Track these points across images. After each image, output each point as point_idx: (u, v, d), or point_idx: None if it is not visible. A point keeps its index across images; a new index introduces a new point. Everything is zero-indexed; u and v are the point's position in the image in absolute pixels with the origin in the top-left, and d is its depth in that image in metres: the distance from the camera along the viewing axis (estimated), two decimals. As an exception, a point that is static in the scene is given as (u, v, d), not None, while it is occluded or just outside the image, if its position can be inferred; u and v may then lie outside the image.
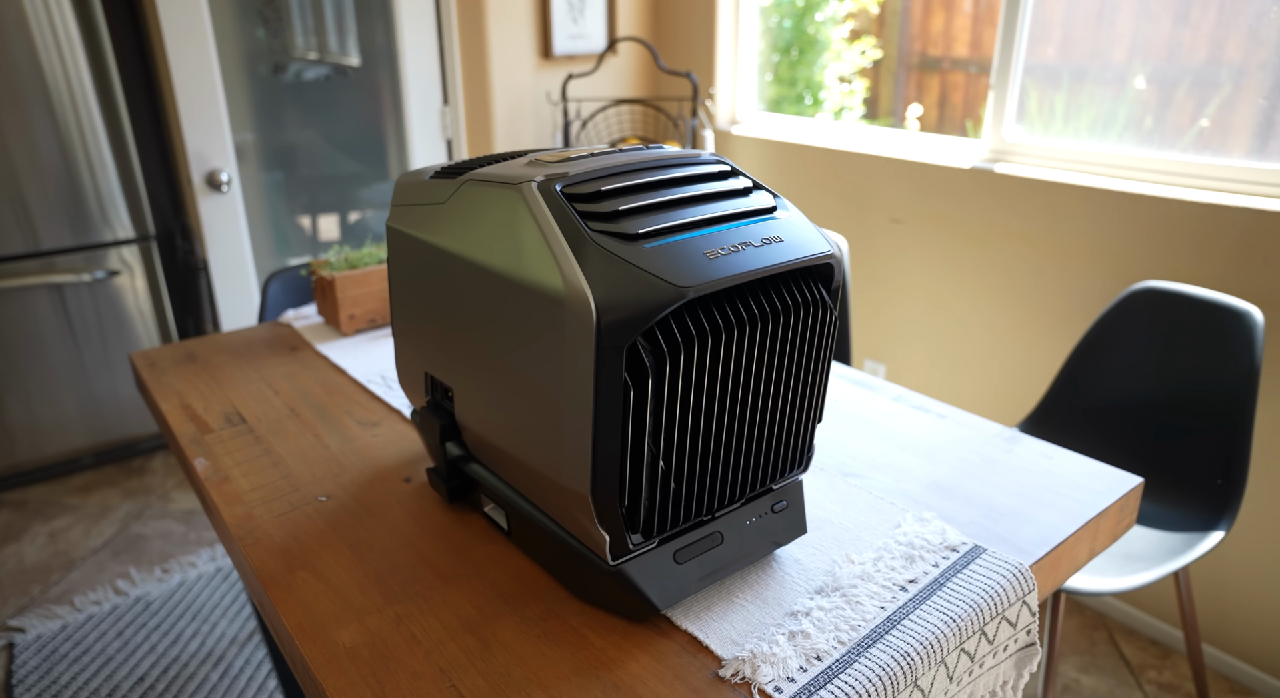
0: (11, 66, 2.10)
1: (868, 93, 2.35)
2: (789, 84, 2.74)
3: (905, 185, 2.06)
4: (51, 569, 2.10)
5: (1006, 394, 2.01)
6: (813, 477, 0.96)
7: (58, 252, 2.31)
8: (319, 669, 0.68)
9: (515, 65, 2.39)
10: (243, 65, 2.35)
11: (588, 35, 2.47)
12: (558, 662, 0.68)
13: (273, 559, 0.82)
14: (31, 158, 2.19)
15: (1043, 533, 0.85)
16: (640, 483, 0.64)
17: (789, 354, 0.69)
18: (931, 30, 2.18)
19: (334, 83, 2.47)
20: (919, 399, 1.16)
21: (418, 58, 2.46)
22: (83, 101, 2.21)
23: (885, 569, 0.78)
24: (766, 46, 2.57)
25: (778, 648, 0.68)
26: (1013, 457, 1.00)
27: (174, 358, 1.33)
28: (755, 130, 2.45)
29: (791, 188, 2.34)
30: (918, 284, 2.11)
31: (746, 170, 2.48)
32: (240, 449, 1.04)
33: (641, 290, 0.58)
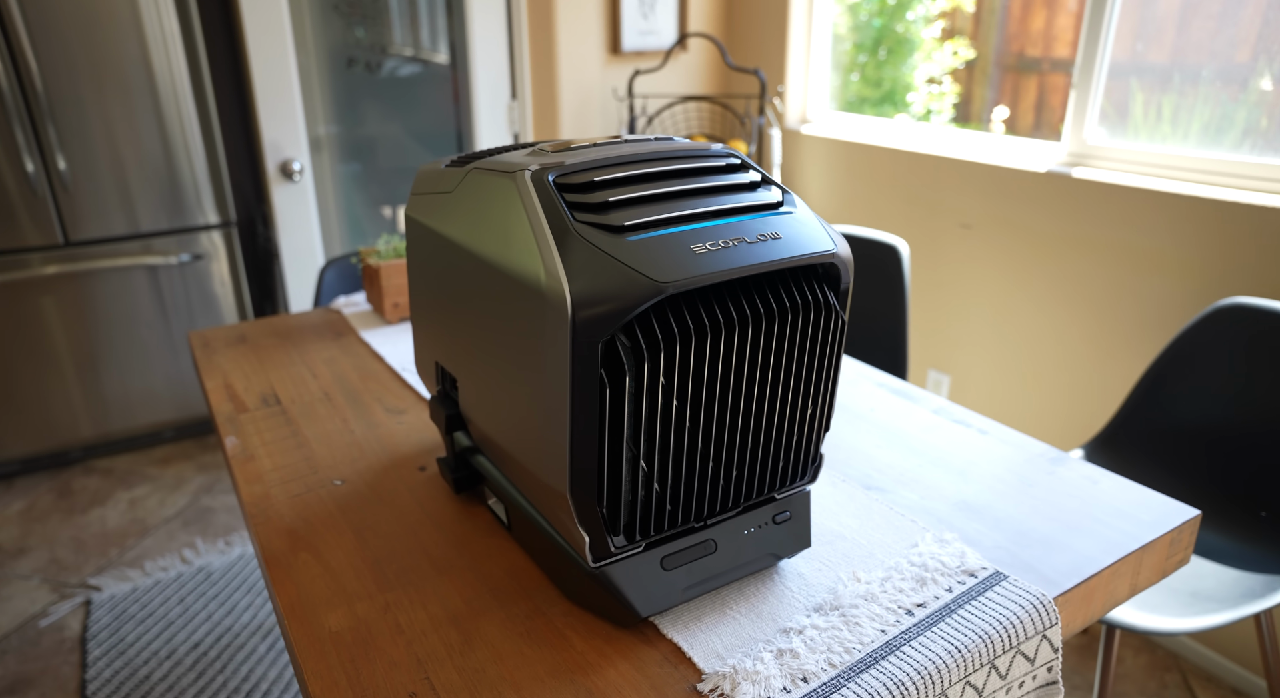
0: (123, 59, 2.23)
1: (958, 95, 2.25)
2: (875, 85, 2.65)
3: (976, 189, 1.96)
4: (128, 534, 2.23)
5: (1075, 413, 1.89)
6: (831, 488, 0.91)
7: (154, 234, 2.45)
8: (301, 650, 0.68)
9: (583, 60, 2.40)
10: (325, 60, 2.44)
11: (657, 31, 2.45)
12: (535, 662, 0.67)
13: (279, 538, 0.83)
14: (135, 145, 2.33)
15: (1075, 563, 0.79)
16: (620, 484, 0.62)
17: (788, 358, 0.66)
18: (1031, 29, 2.06)
19: (406, 77, 2.53)
20: (961, 413, 1.09)
21: (487, 52, 2.49)
22: (182, 93, 2.33)
23: (892, 590, 0.74)
24: (853, 45, 2.50)
25: (762, 666, 0.65)
26: (1054, 479, 0.93)
27: (227, 339, 1.38)
28: (825, 130, 2.38)
29: (858, 190, 2.27)
30: (986, 293, 2.01)
31: (812, 171, 2.42)
32: (270, 429, 1.06)
33: (620, 284, 0.56)
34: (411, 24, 2.49)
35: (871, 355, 1.75)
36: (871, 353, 1.75)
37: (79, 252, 2.37)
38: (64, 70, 2.19)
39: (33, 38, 2.14)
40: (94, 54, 2.21)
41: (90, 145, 2.28)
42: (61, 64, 2.19)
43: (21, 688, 1.74)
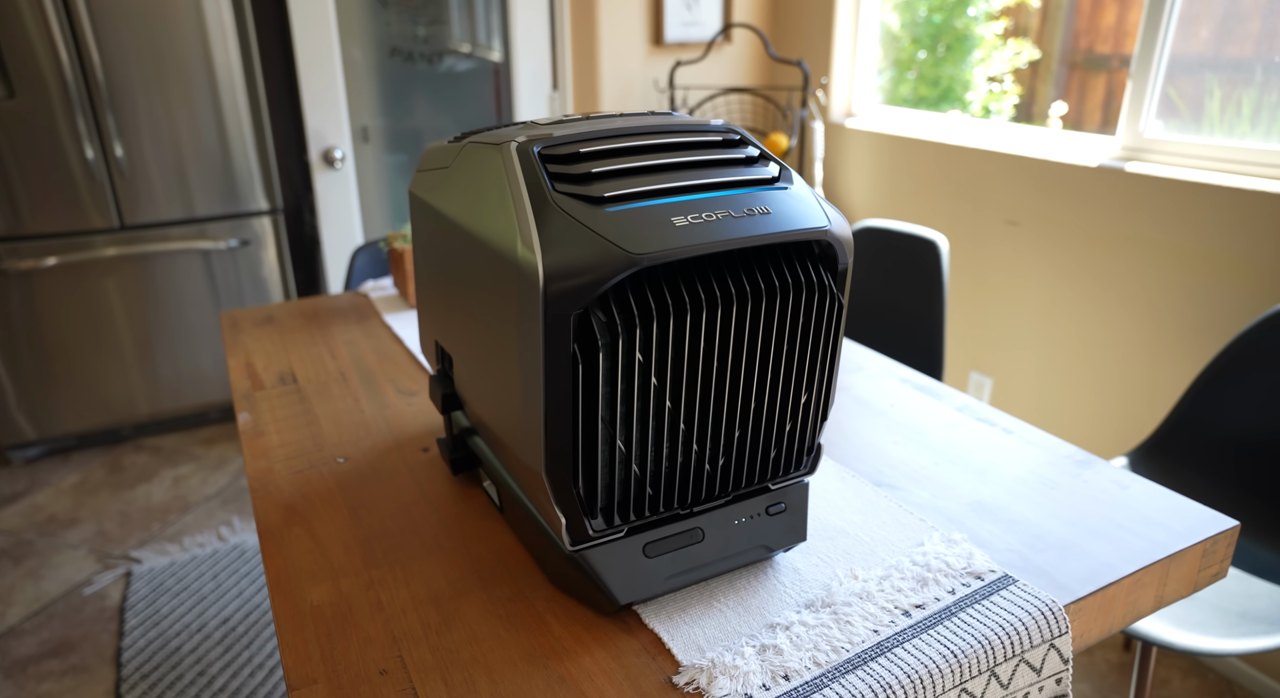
0: (179, 50, 2.30)
1: (1019, 94, 2.16)
2: (932, 83, 2.58)
3: (1023, 184, 1.88)
4: (170, 510, 2.30)
5: (1122, 419, 1.80)
6: (839, 483, 0.88)
7: (205, 219, 2.52)
8: (281, 622, 0.68)
9: (625, 51, 2.38)
10: (374, 52, 2.47)
11: (701, 22, 2.42)
12: (511, 645, 0.65)
13: (276, 513, 0.84)
14: (188, 133, 2.40)
15: (1092, 570, 0.74)
16: (596, 465, 0.60)
17: (778, 341, 0.63)
18: (1100, 25, 1.97)
19: (451, 68, 2.55)
20: (986, 411, 1.04)
21: (530, 42, 2.50)
22: (235, 83, 2.39)
23: (890, 590, 0.70)
24: (911, 42, 2.43)
25: (742, 661, 0.62)
26: (1079, 482, 0.88)
27: (255, 319, 1.40)
28: (871, 124, 2.32)
29: (902, 185, 2.20)
30: (1031, 292, 1.93)
31: (855, 165, 2.36)
32: (283, 407, 1.07)
33: (594, 256, 0.54)
34: (456, 16, 2.51)
35: (907, 355, 1.69)
36: (907, 352, 1.70)
37: (135, 235, 2.45)
38: (123, 61, 2.27)
39: (96, 31, 2.22)
40: (152, 45, 2.28)
41: (145, 133, 2.35)
42: (121, 55, 2.26)
43: (63, 651, 1.80)
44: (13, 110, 2.23)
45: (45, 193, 2.32)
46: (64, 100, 2.25)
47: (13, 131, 2.24)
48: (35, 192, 2.31)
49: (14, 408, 2.48)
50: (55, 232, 2.37)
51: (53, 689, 1.71)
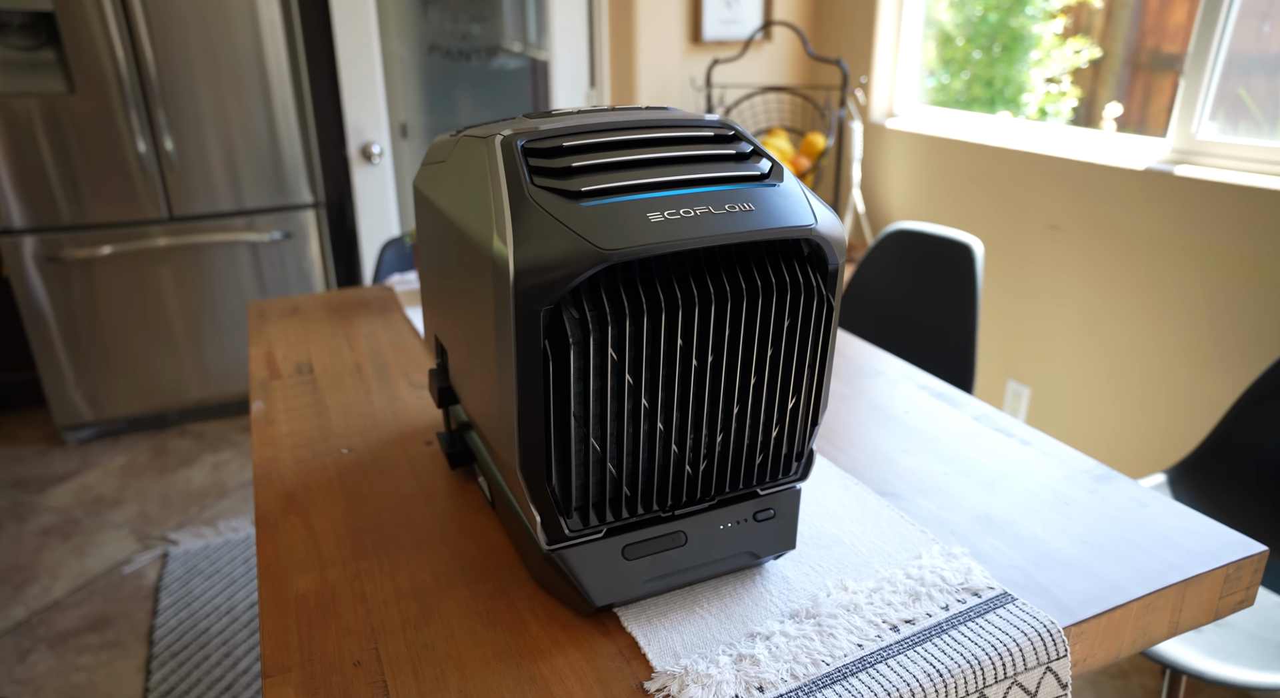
0: (229, 47, 2.37)
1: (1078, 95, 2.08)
2: (986, 83, 2.51)
3: (1066, 188, 1.82)
4: (208, 495, 2.36)
5: (1166, 433, 1.72)
6: (841, 490, 0.85)
7: (253, 212, 2.59)
8: (264, 609, 0.69)
9: (663, 48, 2.37)
10: (414, 49, 2.50)
11: (740, 20, 2.39)
12: (487, 642, 0.65)
13: (275, 501, 0.85)
14: (235, 127, 2.46)
15: (1098, 591, 0.70)
16: (570, 463, 0.59)
17: (763, 343, 0.61)
18: (1169, 23, 1.88)
19: (489, 65, 2.57)
20: (1005, 421, 1.01)
21: (567, 39, 2.50)
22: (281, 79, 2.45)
23: (880, 603, 0.68)
24: (965, 41, 2.37)
25: (716, 670, 0.61)
26: (1095, 498, 0.84)
27: (281, 310, 1.43)
28: (912, 124, 2.27)
29: (941, 187, 2.14)
30: (1072, 300, 1.86)
31: (894, 166, 2.30)
32: (296, 397, 1.09)
33: (564, 251, 0.53)
34: (496, 13, 2.53)
35: (938, 361, 1.65)
36: (938, 359, 1.65)
37: (183, 226, 2.52)
38: (175, 59, 2.34)
39: (151, 29, 2.29)
40: (202, 43, 2.35)
41: (194, 127, 2.42)
42: (174, 53, 2.34)
43: (102, 626, 1.87)
44: (73, 105, 2.32)
45: (102, 184, 2.41)
46: (120, 96, 2.33)
47: (73, 126, 2.33)
48: (93, 183, 2.40)
49: (72, 390, 2.58)
50: (111, 222, 2.45)
51: (89, 662, 1.77)
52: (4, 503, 2.37)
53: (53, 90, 2.30)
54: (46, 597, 1.98)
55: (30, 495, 2.40)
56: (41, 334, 2.51)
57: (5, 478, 2.50)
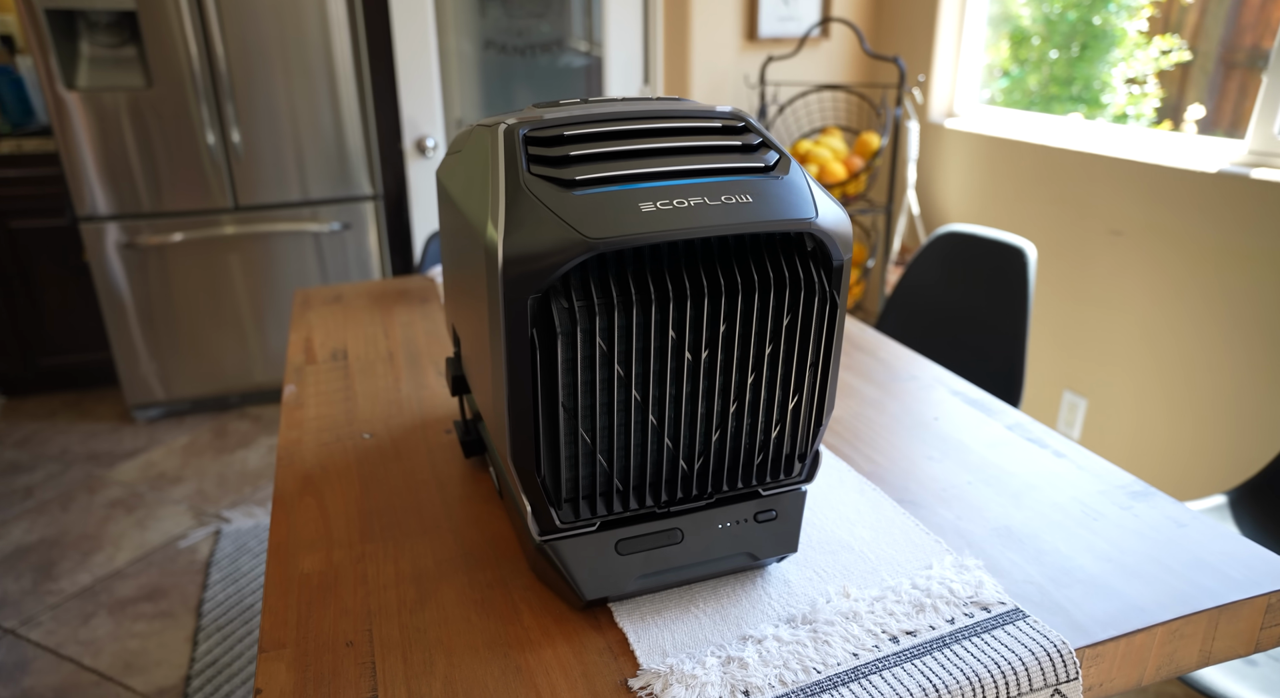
0: (297, 42, 2.45)
1: (1161, 95, 1.97)
2: (1064, 83, 2.42)
3: (1131, 191, 1.73)
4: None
5: (1231, 451, 1.63)
6: (857, 494, 0.83)
7: (314, 203, 2.67)
8: (269, 587, 0.70)
9: (718, 45, 2.35)
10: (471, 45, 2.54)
11: (797, 17, 2.36)
12: (478, 630, 0.65)
13: (293, 481, 0.87)
14: (298, 120, 2.55)
15: (1119, 612, 0.66)
16: (559, 455, 0.59)
17: (760, 339, 0.60)
18: (1272, 18, 1.76)
19: (544, 60, 2.59)
20: (1040, 431, 0.96)
21: (622, 34, 2.50)
22: (345, 74, 2.52)
23: (881, 613, 0.66)
24: (1042, 40, 2.28)
25: (702, 671, 0.59)
26: (1128, 515, 0.80)
27: (324, 298, 1.47)
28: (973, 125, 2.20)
29: (999, 190, 2.07)
30: (1135, 308, 1.77)
31: (952, 167, 2.23)
32: (328, 382, 1.12)
33: (552, 240, 0.52)
34: (552, 9, 2.54)
35: (984, 369, 1.59)
36: (984, 366, 1.59)
37: (248, 215, 2.62)
38: (245, 54, 2.43)
39: (223, 25, 2.39)
40: (271, 38, 2.43)
41: (260, 120, 2.51)
42: (244, 48, 2.42)
43: (156, 597, 1.95)
44: (150, 99, 2.43)
45: (175, 174, 2.52)
46: (192, 90, 2.43)
47: (150, 118, 2.44)
48: (167, 173, 2.51)
49: (143, 371, 2.71)
50: (183, 210, 2.56)
51: (144, 630, 1.85)
52: (79, 475, 2.50)
53: (133, 84, 2.42)
54: (109, 566, 2.08)
55: (101, 469, 2.53)
56: (117, 317, 2.63)
57: (81, 452, 2.64)
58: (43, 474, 2.51)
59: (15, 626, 1.90)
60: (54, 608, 1.94)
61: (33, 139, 2.65)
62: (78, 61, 2.42)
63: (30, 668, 1.77)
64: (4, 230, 2.75)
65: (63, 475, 2.50)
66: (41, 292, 2.85)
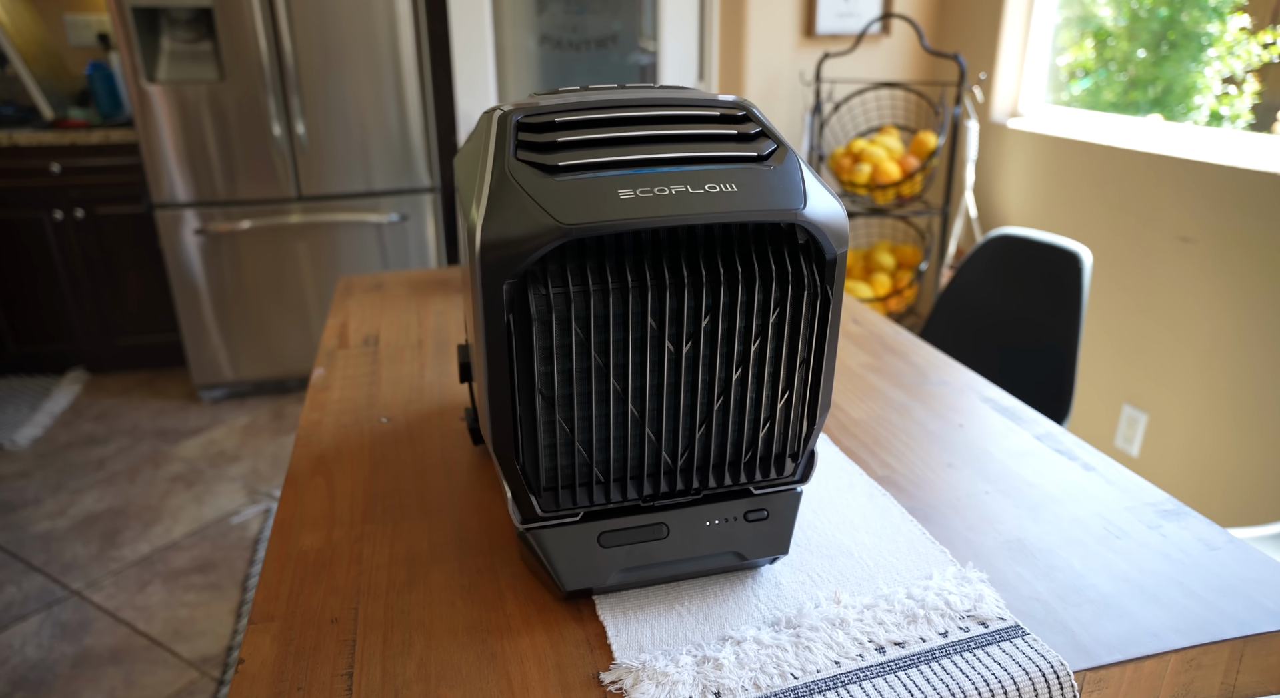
0: (362, 37, 2.52)
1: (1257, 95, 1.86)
2: (1143, 86, 2.30)
3: (1202, 195, 1.63)
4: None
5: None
6: (865, 499, 0.80)
7: (380, 193, 2.74)
8: (267, 561, 0.72)
9: (774, 41, 2.31)
10: (528, 39, 2.57)
11: (857, 13, 2.30)
12: (460, 615, 0.65)
13: (307, 461, 0.89)
14: (362, 113, 2.62)
15: (1129, 636, 0.63)
16: (537, 443, 0.59)
17: (746, 333, 0.58)
18: None
19: (599, 55, 2.60)
20: (1071, 443, 0.92)
21: (678, 29, 2.49)
22: (408, 68, 2.58)
23: (870, 621, 0.63)
24: (1126, 39, 2.18)
25: (675, 669, 0.58)
26: (1154, 534, 0.75)
27: (365, 286, 1.50)
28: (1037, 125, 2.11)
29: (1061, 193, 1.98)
30: (1201, 319, 1.67)
31: (1013, 169, 2.15)
32: (355, 366, 1.14)
33: (526, 225, 0.52)
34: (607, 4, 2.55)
35: (1032, 377, 1.53)
36: (1032, 374, 1.53)
37: (310, 205, 2.71)
38: (311, 48, 2.51)
39: (291, 21, 2.47)
40: (338, 33, 2.51)
41: (324, 113, 2.59)
42: (310, 43, 2.50)
43: (206, 569, 2.04)
44: (223, 91, 2.53)
45: (244, 163, 2.62)
46: (260, 83, 2.52)
47: (221, 110, 2.55)
48: (236, 162, 2.62)
49: (212, 353, 2.83)
50: (250, 198, 2.67)
51: (193, 600, 1.93)
52: (146, 450, 2.63)
53: (207, 78, 2.52)
54: (167, 537, 2.17)
55: (167, 445, 2.65)
56: (187, 301, 2.76)
57: (150, 428, 2.77)
58: (115, 447, 2.65)
59: (81, 587, 2.01)
60: (115, 574, 2.04)
61: (119, 130, 2.80)
62: (158, 56, 2.54)
63: (91, 628, 1.87)
64: (91, 216, 2.91)
65: (132, 449, 2.63)
66: (122, 275, 3.00)
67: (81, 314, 3.04)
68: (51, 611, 1.93)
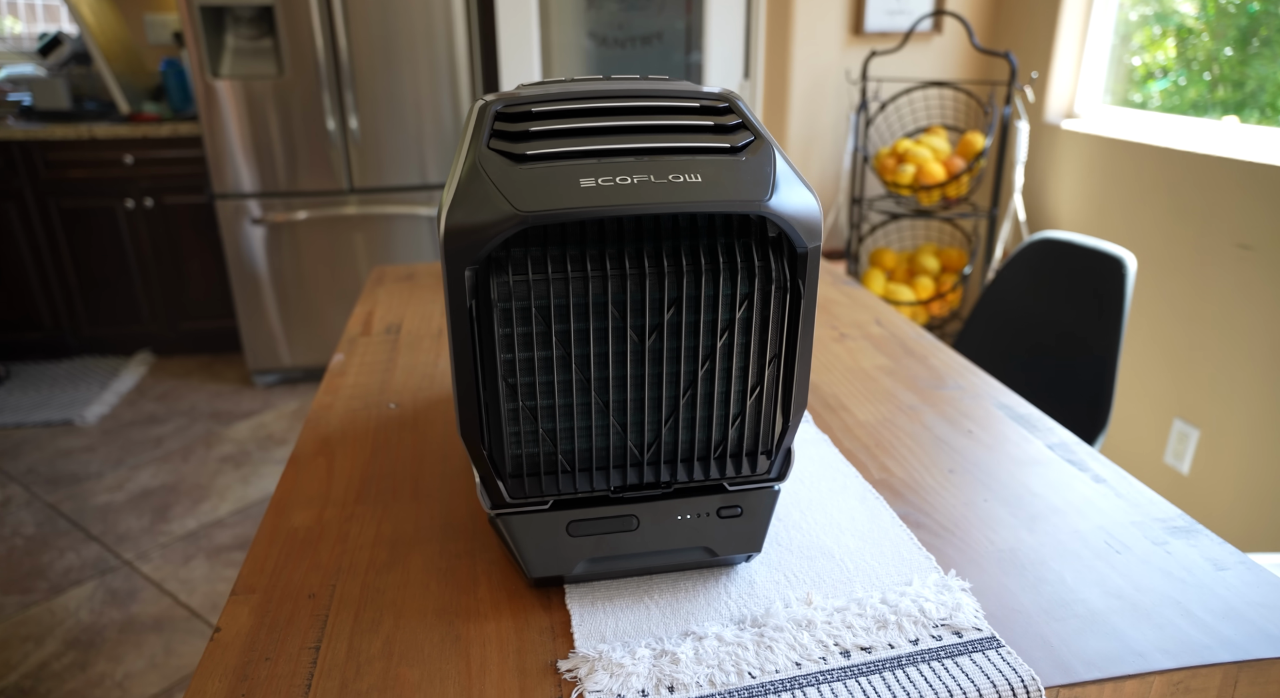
0: (415, 34, 2.58)
1: None
2: (1236, 85, 2.20)
3: (1265, 200, 1.55)
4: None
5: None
6: (857, 502, 0.79)
7: (435, 187, 2.80)
8: (259, 536, 0.74)
9: (821, 39, 2.28)
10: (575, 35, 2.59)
11: (907, 10, 2.25)
12: (433, 597, 0.67)
13: (313, 442, 0.92)
14: (427, 109, 2.68)
15: (1112, 654, 0.60)
16: (502, 429, 0.59)
17: (710, 326, 0.58)
18: None
19: (644, 52, 2.60)
20: (1085, 454, 0.88)
21: (723, 26, 2.47)
22: (459, 65, 2.63)
23: (839, 625, 0.62)
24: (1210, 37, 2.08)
25: (630, 661, 0.58)
26: (1159, 551, 0.71)
27: (397, 276, 1.54)
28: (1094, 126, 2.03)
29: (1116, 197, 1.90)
30: (1262, 331, 1.59)
31: (1065, 172, 2.07)
32: (374, 354, 1.17)
33: (487, 212, 0.53)
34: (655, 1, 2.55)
35: (1069, 386, 1.47)
36: (1070, 383, 1.47)
37: (361, 198, 2.78)
38: (366, 45, 2.58)
39: (348, 19, 2.54)
40: (393, 30, 2.57)
41: (377, 108, 2.66)
42: (366, 40, 2.57)
43: (247, 546, 2.11)
44: (282, 86, 2.62)
45: (300, 156, 2.71)
46: (316, 78, 2.60)
47: (279, 104, 2.63)
48: (292, 155, 2.71)
49: (267, 339, 2.93)
50: (306, 190, 2.75)
51: (232, 576, 2.01)
52: (200, 431, 2.74)
53: (267, 73, 2.62)
54: (213, 515, 2.26)
55: (220, 427, 2.76)
56: (244, 288, 2.86)
57: (206, 410, 2.89)
58: (172, 427, 2.77)
59: (132, 558, 2.10)
60: (163, 547, 2.14)
61: (186, 123, 2.92)
62: (223, 53, 2.64)
63: (138, 597, 1.96)
64: (159, 205, 3.05)
65: (188, 430, 2.75)
66: (186, 262, 3.14)
67: (149, 299, 3.18)
68: (104, 578, 2.03)
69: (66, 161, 2.96)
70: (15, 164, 2.95)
